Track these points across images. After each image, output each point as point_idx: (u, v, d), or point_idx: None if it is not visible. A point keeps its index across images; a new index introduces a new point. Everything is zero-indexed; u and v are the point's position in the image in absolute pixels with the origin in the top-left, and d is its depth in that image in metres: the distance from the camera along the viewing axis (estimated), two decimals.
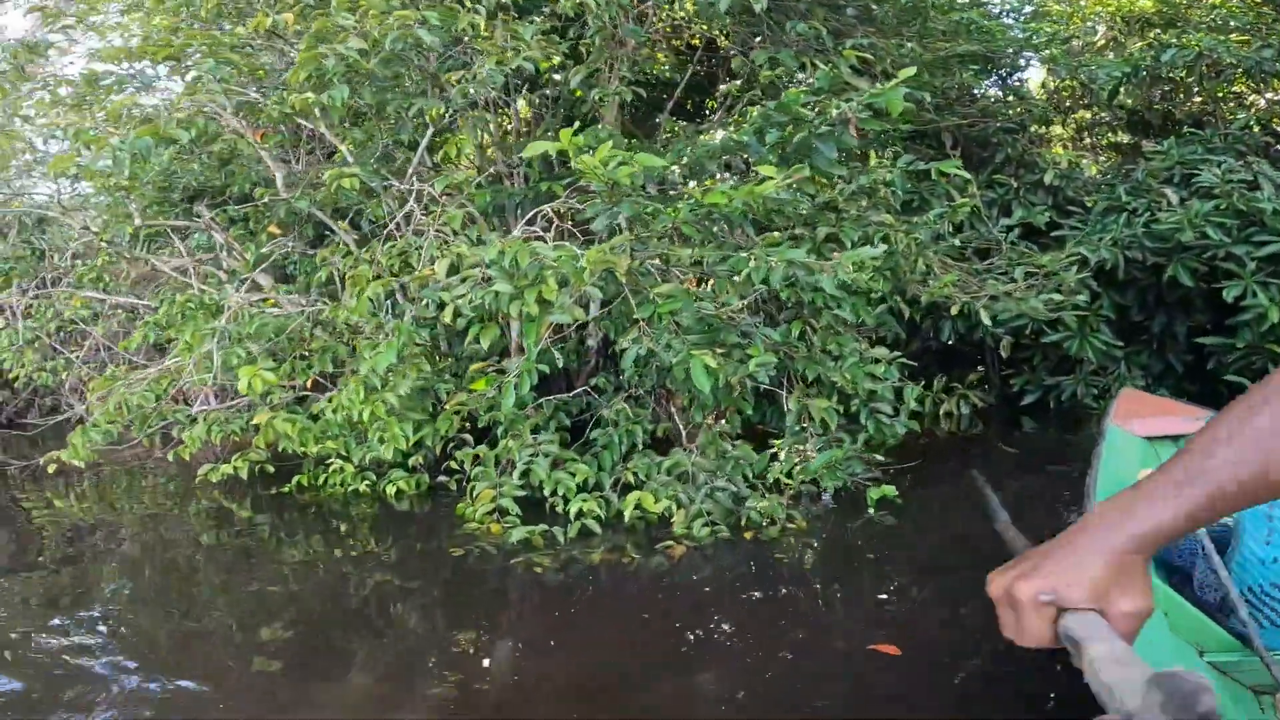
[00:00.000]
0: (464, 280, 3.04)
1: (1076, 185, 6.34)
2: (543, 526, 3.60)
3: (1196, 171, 5.60)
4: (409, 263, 3.51)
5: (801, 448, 3.60)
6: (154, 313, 5.04)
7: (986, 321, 3.82)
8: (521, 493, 3.81)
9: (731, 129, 3.50)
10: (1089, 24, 8.25)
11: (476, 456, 4.06)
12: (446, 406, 3.99)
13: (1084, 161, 6.55)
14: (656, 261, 3.03)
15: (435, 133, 4.09)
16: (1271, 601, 1.89)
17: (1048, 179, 6.13)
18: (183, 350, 4.42)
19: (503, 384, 2.90)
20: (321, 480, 4.47)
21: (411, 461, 4.37)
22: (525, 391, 2.84)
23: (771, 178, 2.66)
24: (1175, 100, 8.00)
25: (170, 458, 5.11)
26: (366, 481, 4.39)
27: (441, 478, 4.32)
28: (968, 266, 4.29)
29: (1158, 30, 7.90)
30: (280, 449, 4.43)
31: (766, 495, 3.58)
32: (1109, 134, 8.41)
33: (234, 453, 4.69)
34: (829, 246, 3.74)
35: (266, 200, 4.87)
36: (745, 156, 4.20)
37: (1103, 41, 8.14)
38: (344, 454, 4.33)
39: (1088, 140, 8.73)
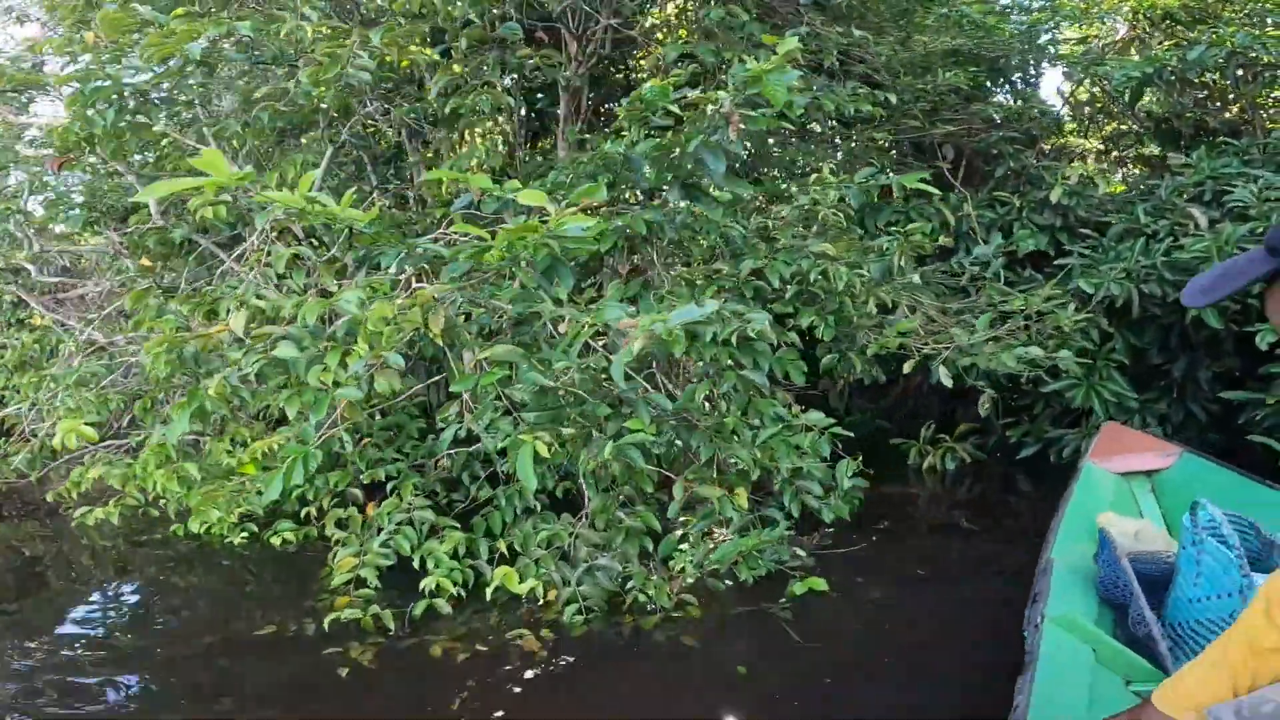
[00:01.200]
0: (252, 341, 2.35)
1: (1090, 204, 5.52)
2: (374, 609, 3.02)
3: (1230, 188, 4.76)
4: (216, 311, 2.86)
5: (717, 528, 2.86)
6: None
7: (945, 381, 3.05)
8: (388, 561, 3.21)
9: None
10: (1108, 21, 7.37)
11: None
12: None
13: (1105, 177, 5.71)
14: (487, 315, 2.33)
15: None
16: (1196, 637, 2.01)
17: (1054, 197, 5.31)
18: (17, 399, 3.83)
19: (284, 467, 2.20)
20: (205, 528, 3.97)
21: (305, 512, 3.90)
22: (295, 482, 2.14)
23: (578, 212, 1.94)
24: (1208, 108, 7.12)
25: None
26: (245, 533, 3.98)
27: (338, 532, 3.73)
28: (941, 305, 3.51)
29: (1184, 29, 7.04)
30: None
31: (655, 575, 2.89)
32: (1136, 146, 7.53)
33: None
34: (751, 285, 3.00)
35: (135, 228, 4.26)
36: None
37: (1124, 41, 7.28)
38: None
39: (1114, 154, 7.86)
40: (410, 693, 2.68)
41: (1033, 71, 6.73)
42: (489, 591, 3.00)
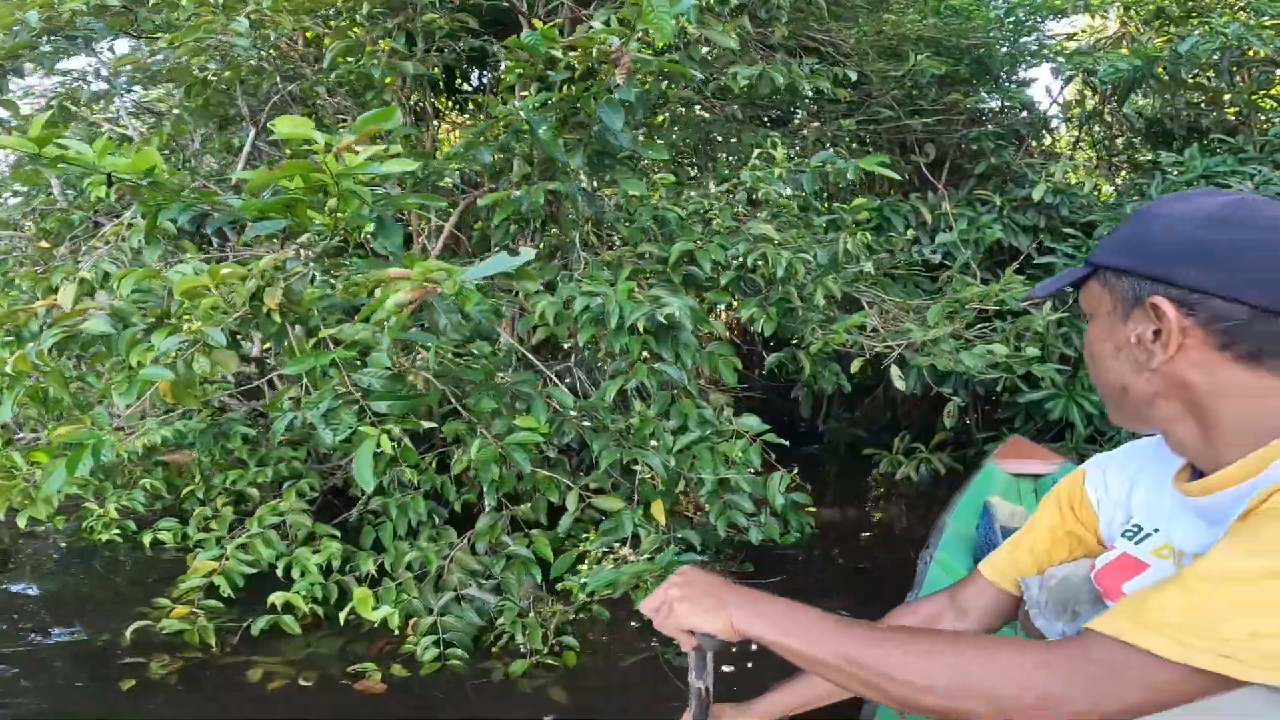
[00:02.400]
0: (58, 317, 1.96)
1: (1075, 204, 5.17)
2: (202, 622, 2.68)
3: (1226, 185, 4.42)
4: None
5: (626, 550, 2.46)
6: None
7: (898, 384, 2.68)
8: (249, 570, 2.81)
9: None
10: (1098, 16, 7.05)
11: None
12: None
13: (1094, 179, 5.36)
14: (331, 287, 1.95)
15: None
16: None
17: (1037, 195, 4.95)
18: None
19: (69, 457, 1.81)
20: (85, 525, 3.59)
21: (199, 513, 3.35)
22: (73, 474, 1.74)
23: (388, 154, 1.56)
24: (1202, 109, 6.80)
25: None
26: (117, 530, 3.51)
27: (200, 534, 3.35)
28: (904, 302, 3.13)
29: (1175, 26, 6.71)
30: None
31: (532, 611, 2.51)
32: (1127, 149, 7.19)
33: None
34: (682, 271, 2.62)
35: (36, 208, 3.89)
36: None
37: (1114, 39, 6.96)
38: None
39: (1104, 158, 7.52)
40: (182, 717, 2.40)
41: (1018, 67, 6.40)
42: (344, 615, 2.62)
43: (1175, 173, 5.09)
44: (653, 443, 2.36)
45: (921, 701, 0.89)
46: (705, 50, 3.31)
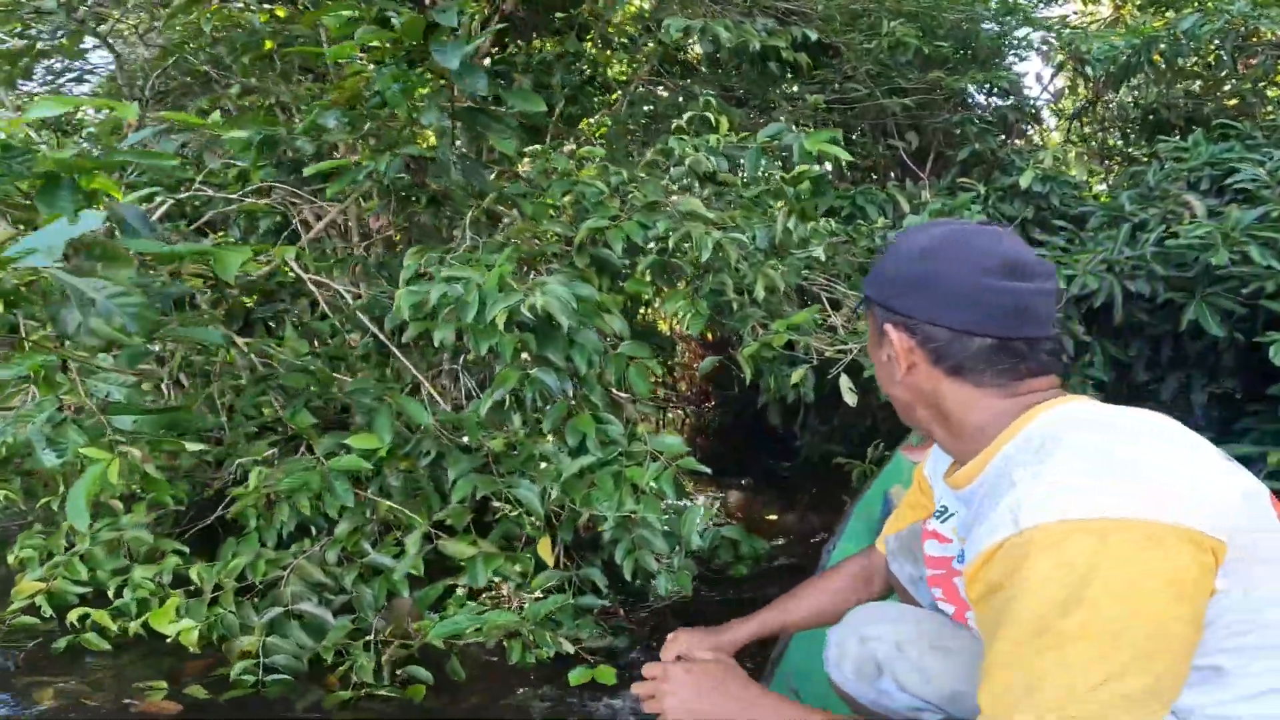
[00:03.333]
0: None
1: (1066, 194, 4.72)
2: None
3: (1236, 168, 3.96)
4: None
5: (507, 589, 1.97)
6: None
7: (847, 397, 2.17)
8: (78, 588, 2.32)
9: None
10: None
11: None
12: None
13: (1079, 165, 4.91)
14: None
15: None
16: None
17: (1024, 182, 4.49)
18: None
19: None
20: None
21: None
22: None
23: None
24: (1200, 98, 6.36)
25: None
26: None
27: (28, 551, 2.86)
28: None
29: (1174, 12, 6.28)
30: None
31: (383, 634, 2.01)
32: (1123, 140, 6.73)
33: None
34: (588, 254, 2.12)
35: None
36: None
37: (1109, 21, 6.53)
38: None
39: (1095, 148, 7.08)
40: None
41: (1005, 50, 5.94)
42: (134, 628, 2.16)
43: (1176, 160, 4.65)
44: (544, 465, 1.87)
45: None
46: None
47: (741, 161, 2.59)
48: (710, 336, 6.22)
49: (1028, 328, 1.03)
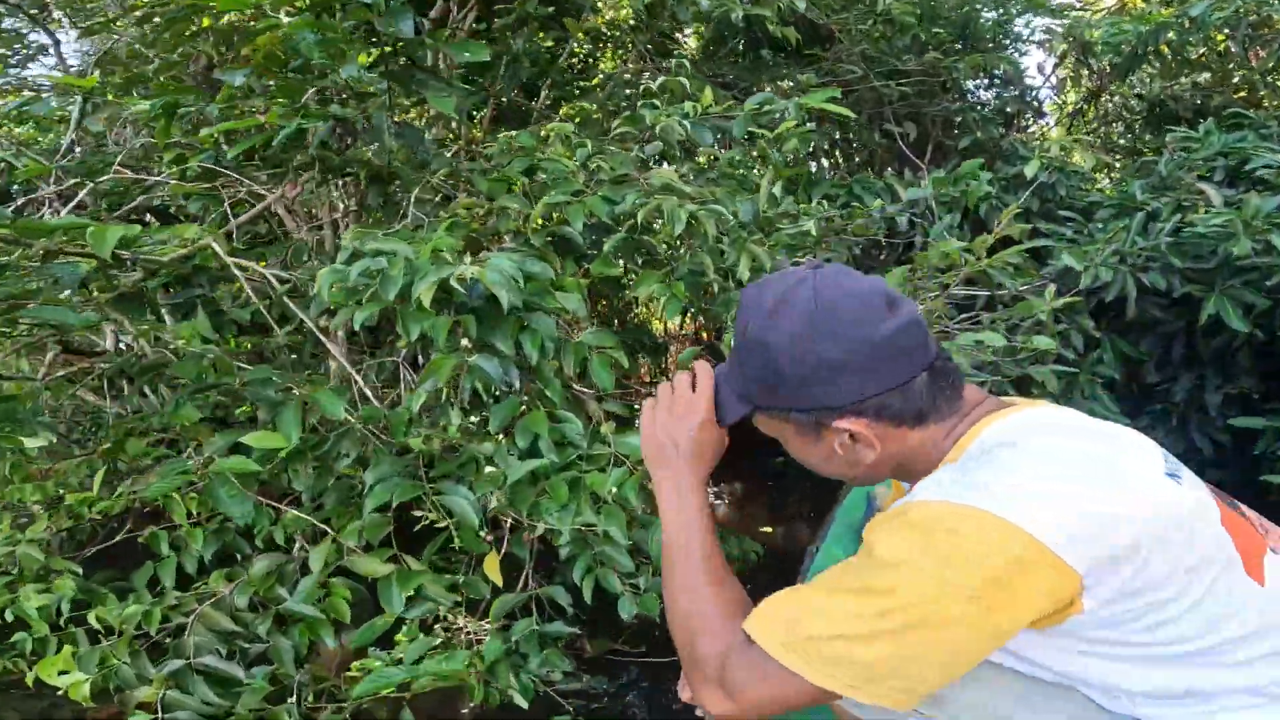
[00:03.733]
0: None
1: (1073, 185, 4.49)
2: None
3: (1254, 155, 3.73)
4: None
5: (461, 620, 1.71)
6: None
7: None
8: None
9: None
10: None
11: None
12: None
13: (1087, 154, 4.67)
14: None
15: None
16: None
17: (1030, 172, 4.26)
18: None
19: None
20: None
21: None
22: None
23: None
24: (1209, 90, 6.13)
25: None
26: None
27: None
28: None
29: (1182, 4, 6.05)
30: None
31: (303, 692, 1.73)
32: (1128, 133, 6.50)
33: None
34: (546, 231, 1.88)
35: None
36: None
37: (1114, 9, 6.30)
38: None
39: (1100, 140, 6.85)
40: None
41: (1006, 37, 5.71)
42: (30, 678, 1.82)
43: (1187, 151, 4.42)
44: (489, 469, 1.62)
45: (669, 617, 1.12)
46: None
47: (719, 137, 2.34)
48: (706, 335, 5.97)
49: (932, 343, 1.06)
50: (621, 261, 2.03)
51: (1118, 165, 6.59)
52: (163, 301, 1.80)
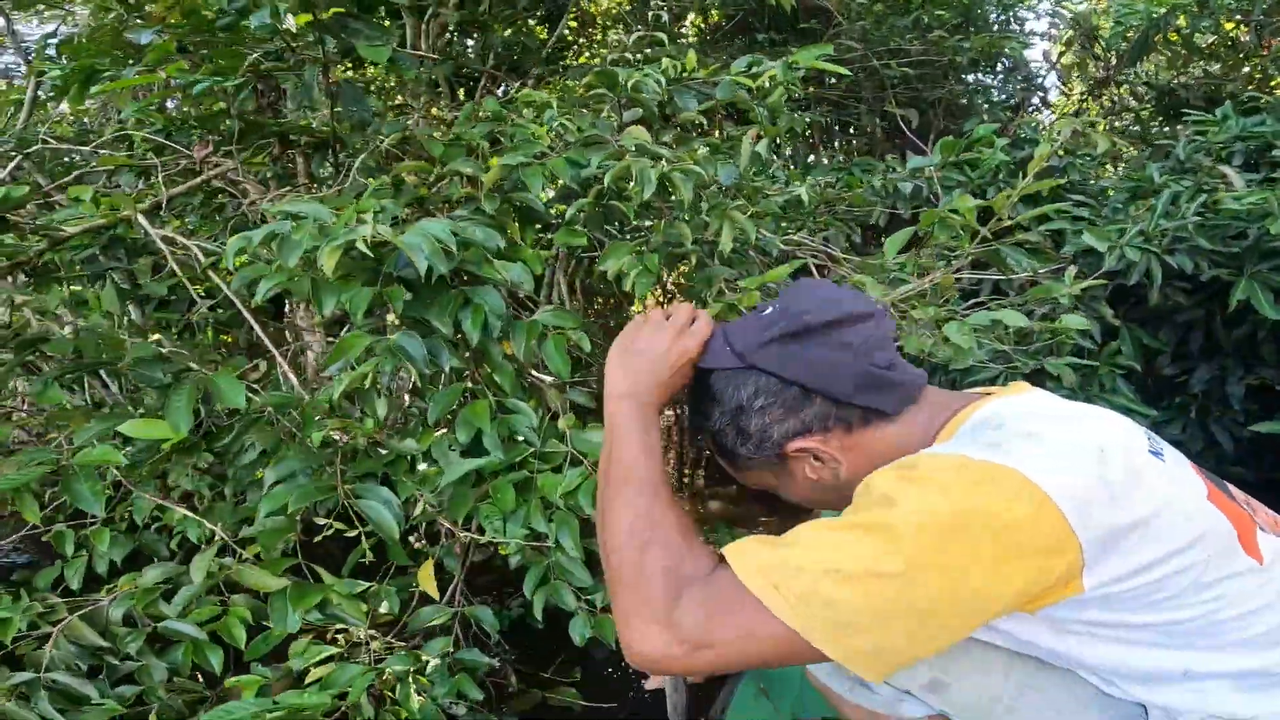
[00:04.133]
0: None
1: (1086, 169, 4.25)
2: None
3: (1272, 144, 3.49)
4: None
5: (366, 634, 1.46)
6: None
7: None
8: None
9: None
10: None
11: None
12: None
13: (1101, 137, 4.44)
14: None
15: None
16: None
17: (1039, 155, 4.01)
18: None
19: None
20: None
21: None
22: None
23: None
24: (1222, 78, 5.90)
25: None
26: None
27: None
28: (862, 261, 2.13)
29: None
30: None
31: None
32: (1138, 121, 6.27)
33: None
34: (497, 198, 1.64)
35: None
36: None
37: None
38: None
39: (1108, 126, 6.61)
40: None
41: (1010, 22, 5.48)
42: None
43: (1202, 134, 4.19)
44: (422, 468, 1.38)
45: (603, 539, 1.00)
46: None
47: (707, 112, 2.10)
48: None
49: (878, 354, 1.05)
50: (590, 232, 1.78)
51: (1125, 154, 6.37)
52: (77, 275, 1.56)
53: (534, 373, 1.64)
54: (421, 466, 1.38)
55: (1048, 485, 0.83)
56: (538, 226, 1.79)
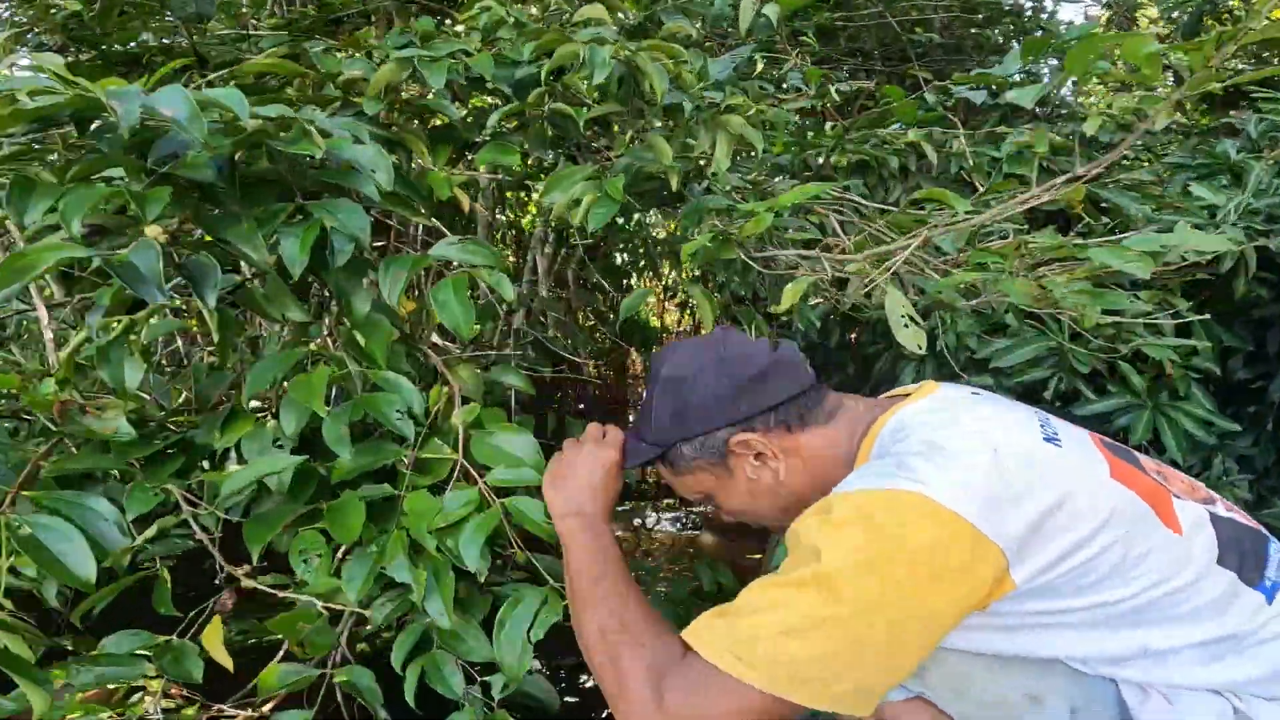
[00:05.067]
0: None
1: (1141, 146, 3.75)
2: None
3: None
4: None
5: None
6: None
7: (907, 344, 1.12)
8: None
9: None
10: None
11: None
12: None
13: (1160, 109, 3.95)
14: None
15: None
16: None
17: (1089, 129, 3.50)
18: None
19: None
20: None
21: None
22: None
23: None
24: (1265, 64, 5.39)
25: None
26: None
27: None
28: (894, 216, 1.60)
29: None
30: None
31: None
32: (1179, 109, 5.75)
33: None
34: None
35: None
36: None
37: None
38: None
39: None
40: None
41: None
42: None
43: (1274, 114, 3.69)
44: (214, 471, 0.88)
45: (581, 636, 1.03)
46: None
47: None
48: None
49: (805, 374, 1.13)
50: (532, 152, 1.29)
51: (1172, 143, 5.86)
52: None
53: (440, 340, 1.14)
54: (234, 467, 0.88)
55: (951, 501, 0.87)
56: (455, 146, 1.30)
